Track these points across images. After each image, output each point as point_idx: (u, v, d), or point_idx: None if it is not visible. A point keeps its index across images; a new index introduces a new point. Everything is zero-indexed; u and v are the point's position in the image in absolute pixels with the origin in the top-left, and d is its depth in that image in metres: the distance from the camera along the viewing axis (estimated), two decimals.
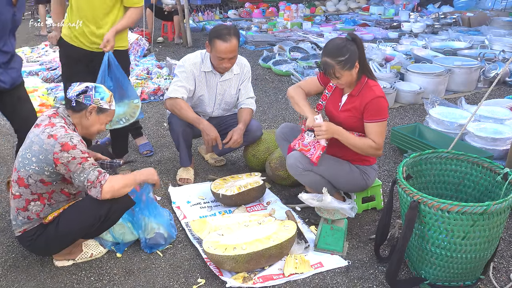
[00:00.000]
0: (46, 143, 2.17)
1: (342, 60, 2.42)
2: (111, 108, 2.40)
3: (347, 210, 2.43)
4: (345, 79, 2.50)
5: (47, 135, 2.18)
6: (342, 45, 2.45)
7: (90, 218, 2.28)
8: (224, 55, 3.00)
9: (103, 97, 2.34)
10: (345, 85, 2.58)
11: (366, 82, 2.57)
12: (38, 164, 2.18)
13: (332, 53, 2.45)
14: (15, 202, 2.27)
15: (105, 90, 2.38)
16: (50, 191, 2.26)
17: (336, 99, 2.71)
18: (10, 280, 2.37)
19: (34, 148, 2.19)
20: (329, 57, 2.45)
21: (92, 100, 2.31)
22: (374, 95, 2.51)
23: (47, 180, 2.22)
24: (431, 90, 5.03)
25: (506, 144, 3.54)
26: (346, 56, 2.42)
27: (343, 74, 2.46)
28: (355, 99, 2.58)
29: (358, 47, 2.47)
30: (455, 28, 8.89)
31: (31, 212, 2.26)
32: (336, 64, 2.43)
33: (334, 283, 2.33)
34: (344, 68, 2.44)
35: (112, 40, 3.11)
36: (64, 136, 2.18)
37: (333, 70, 2.45)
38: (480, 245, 2.13)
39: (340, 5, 11.99)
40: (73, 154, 2.16)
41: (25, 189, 2.23)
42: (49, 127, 2.21)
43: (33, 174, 2.20)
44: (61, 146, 2.15)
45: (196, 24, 9.40)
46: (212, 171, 3.52)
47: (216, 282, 2.33)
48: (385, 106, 2.55)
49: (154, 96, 5.22)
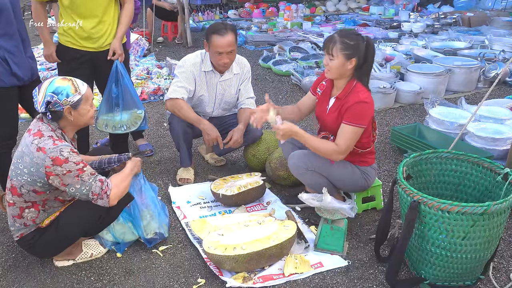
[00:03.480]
0: (36, 157, 2.10)
1: (346, 42, 2.45)
2: (82, 93, 2.21)
3: (347, 210, 2.43)
4: (336, 63, 2.48)
5: (36, 148, 2.11)
6: (354, 34, 2.51)
7: (90, 217, 2.28)
8: (221, 49, 3.00)
9: (67, 93, 2.16)
10: (332, 72, 2.53)
11: (354, 86, 2.54)
12: (30, 176, 2.14)
13: (342, 34, 2.50)
14: (10, 209, 2.25)
15: (63, 84, 2.17)
16: (44, 199, 2.23)
17: (324, 102, 2.71)
18: (10, 280, 2.37)
19: (25, 159, 2.14)
20: (338, 34, 2.51)
21: (61, 104, 2.15)
22: (358, 99, 2.48)
23: (40, 190, 2.19)
24: (431, 90, 5.02)
25: (506, 144, 3.54)
26: (352, 42, 2.45)
27: (338, 56, 2.46)
28: (341, 103, 2.56)
29: (367, 48, 2.48)
30: (455, 28, 8.89)
31: (27, 219, 2.24)
32: (339, 43, 2.45)
33: (334, 283, 2.33)
34: (343, 50, 2.45)
35: (119, 49, 3.12)
36: (52, 149, 2.09)
37: (333, 46, 2.47)
38: (480, 245, 2.13)
39: (340, 5, 11.98)
40: (67, 167, 2.11)
41: (18, 198, 2.21)
42: (37, 138, 2.13)
43: (25, 185, 2.16)
44: (52, 160, 2.08)
45: (196, 24, 9.40)
46: (212, 171, 3.52)
47: (216, 282, 2.33)
48: (366, 112, 2.50)
49: (154, 96, 5.22)
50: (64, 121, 2.24)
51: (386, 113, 4.79)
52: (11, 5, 2.64)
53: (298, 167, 2.66)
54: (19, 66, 2.68)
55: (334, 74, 2.55)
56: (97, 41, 3.11)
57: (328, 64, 2.52)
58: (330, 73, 2.56)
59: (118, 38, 3.15)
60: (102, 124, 3.24)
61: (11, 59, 2.64)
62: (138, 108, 3.28)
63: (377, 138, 4.11)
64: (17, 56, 2.67)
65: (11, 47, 2.64)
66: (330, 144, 2.53)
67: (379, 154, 3.79)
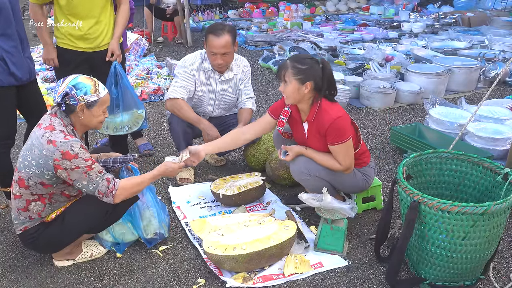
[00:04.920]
0: (46, 149, 2.14)
1: (298, 67, 2.45)
2: (100, 96, 2.27)
3: (347, 210, 2.43)
4: (290, 89, 2.48)
5: (47, 140, 2.14)
6: (307, 58, 2.51)
7: (96, 213, 2.30)
8: (216, 49, 3.00)
9: (86, 92, 2.22)
10: (289, 98, 2.54)
11: (319, 106, 2.52)
12: (38, 168, 2.17)
13: (294, 58, 2.51)
14: (16, 202, 2.27)
15: (86, 82, 2.24)
16: (50, 192, 2.25)
17: (299, 128, 2.70)
18: (10, 280, 2.37)
19: (34, 151, 2.17)
20: (290, 60, 2.52)
21: (77, 99, 2.21)
22: (331, 118, 2.46)
23: (47, 183, 2.21)
24: (431, 90, 5.02)
25: (506, 144, 3.54)
26: (304, 67, 2.45)
27: (291, 82, 2.46)
28: (314, 124, 2.57)
29: (323, 71, 2.46)
30: (455, 28, 8.89)
31: (32, 212, 2.26)
32: (290, 68, 2.46)
33: (334, 283, 2.33)
34: (295, 76, 2.45)
35: (117, 50, 3.12)
36: (63, 143, 2.13)
37: (285, 72, 2.47)
38: (480, 245, 2.13)
39: (340, 5, 11.99)
40: (76, 163, 2.14)
41: (25, 190, 2.23)
42: (48, 131, 2.17)
43: (33, 177, 2.19)
44: (61, 154, 2.12)
45: (196, 24, 9.41)
46: (212, 171, 3.52)
47: (216, 282, 2.33)
48: (345, 126, 2.49)
49: (154, 96, 5.22)
50: (75, 117, 2.28)
51: (386, 113, 4.79)
52: (10, 5, 2.64)
53: (301, 173, 2.65)
54: (17, 66, 2.68)
55: (291, 100, 2.55)
56: (94, 41, 3.11)
57: (284, 91, 2.52)
58: (287, 99, 2.57)
59: (115, 38, 3.15)
60: (103, 126, 3.24)
61: (9, 59, 2.64)
62: (138, 108, 3.28)
63: (377, 138, 4.12)
64: (15, 56, 2.67)
65: (9, 47, 2.64)
66: (335, 164, 2.56)
67: (379, 154, 3.79)
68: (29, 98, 2.86)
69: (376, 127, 4.39)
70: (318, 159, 2.60)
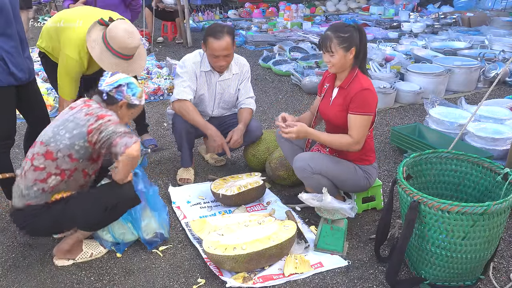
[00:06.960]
0: (83, 119, 2.23)
1: (341, 36, 2.48)
2: (141, 103, 2.42)
3: (347, 210, 2.43)
4: (338, 58, 2.51)
5: (85, 113, 2.25)
6: (345, 25, 2.55)
7: (96, 206, 2.30)
8: (217, 52, 3.00)
9: (134, 93, 2.36)
10: (335, 67, 2.56)
11: (356, 74, 2.57)
12: (70, 139, 2.23)
13: (335, 28, 2.53)
14: (35, 174, 2.25)
15: (137, 85, 2.39)
16: (73, 168, 2.28)
17: (327, 95, 2.73)
18: (10, 280, 2.37)
19: (69, 125, 2.25)
20: (331, 30, 2.53)
21: (123, 95, 2.34)
22: (361, 87, 2.51)
23: (75, 156, 2.25)
24: (431, 90, 5.02)
25: (506, 144, 3.54)
26: (346, 34, 2.48)
27: (338, 51, 2.49)
28: (344, 92, 2.59)
29: (360, 36, 2.51)
30: (455, 28, 8.89)
31: (48, 185, 2.26)
32: (335, 38, 2.48)
33: (334, 283, 2.33)
34: (341, 44, 2.48)
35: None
36: (101, 110, 2.26)
37: (330, 43, 2.49)
38: (480, 245, 2.13)
39: (340, 5, 11.99)
40: (109, 119, 2.23)
41: (51, 162, 2.24)
42: (86, 108, 2.28)
43: (63, 149, 2.23)
44: (97, 117, 2.22)
45: (196, 24, 9.41)
46: (212, 171, 3.52)
47: (216, 282, 2.33)
48: (371, 100, 2.53)
49: (154, 96, 5.22)
50: (110, 110, 2.35)
51: (386, 113, 4.79)
52: (11, 5, 2.64)
53: (304, 170, 2.64)
54: (16, 66, 2.68)
55: (337, 69, 2.58)
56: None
57: (330, 61, 2.55)
58: (333, 68, 2.59)
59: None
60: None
61: (9, 59, 2.64)
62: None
63: (377, 138, 4.12)
64: (15, 57, 2.67)
65: (9, 47, 2.64)
66: (345, 137, 2.56)
67: (379, 154, 3.79)
68: (29, 98, 2.86)
69: (376, 127, 4.39)
70: (322, 138, 2.61)
